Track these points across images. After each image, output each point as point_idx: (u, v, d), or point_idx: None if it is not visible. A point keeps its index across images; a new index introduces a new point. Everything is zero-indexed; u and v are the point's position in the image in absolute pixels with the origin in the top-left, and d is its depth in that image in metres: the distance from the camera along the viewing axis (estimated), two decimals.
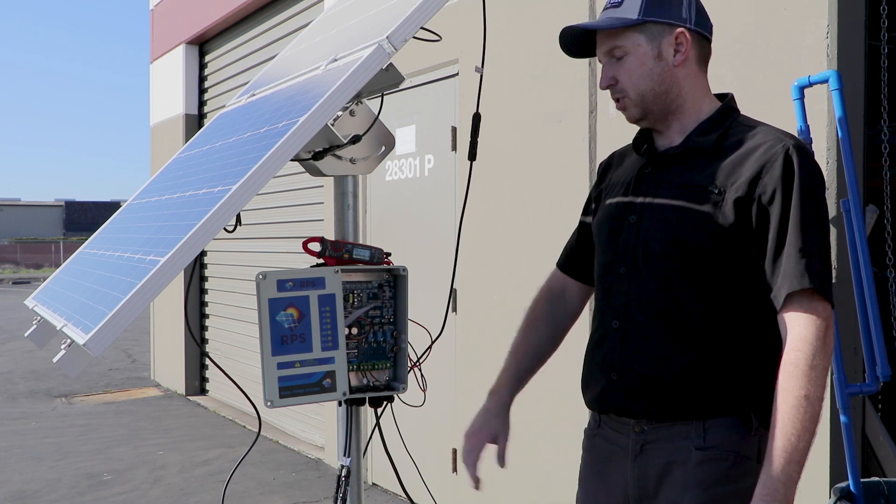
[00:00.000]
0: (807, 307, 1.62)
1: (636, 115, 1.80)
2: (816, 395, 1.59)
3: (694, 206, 1.70)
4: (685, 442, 1.70)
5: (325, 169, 1.85)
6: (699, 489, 1.66)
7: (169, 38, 9.08)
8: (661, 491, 1.72)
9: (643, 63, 1.76)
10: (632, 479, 1.78)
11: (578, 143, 3.61)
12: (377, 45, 1.50)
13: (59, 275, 2.22)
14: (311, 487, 5.29)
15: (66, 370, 1.39)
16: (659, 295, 1.73)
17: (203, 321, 8.46)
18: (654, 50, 1.76)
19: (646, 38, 1.76)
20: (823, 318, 1.62)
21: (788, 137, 1.71)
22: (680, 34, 1.75)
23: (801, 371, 1.59)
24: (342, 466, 1.80)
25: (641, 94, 1.77)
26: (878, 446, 2.67)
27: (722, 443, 1.69)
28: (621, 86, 1.78)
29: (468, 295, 4.28)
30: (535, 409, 3.87)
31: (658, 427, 1.73)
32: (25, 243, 46.36)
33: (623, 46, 1.76)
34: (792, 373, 1.59)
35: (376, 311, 1.84)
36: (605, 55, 1.80)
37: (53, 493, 5.23)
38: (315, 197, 6.11)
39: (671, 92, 1.77)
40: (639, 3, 1.75)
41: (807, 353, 1.59)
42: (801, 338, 1.60)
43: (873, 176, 2.87)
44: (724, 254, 1.68)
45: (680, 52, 1.76)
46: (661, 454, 1.73)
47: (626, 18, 1.75)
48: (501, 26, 3.98)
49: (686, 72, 1.78)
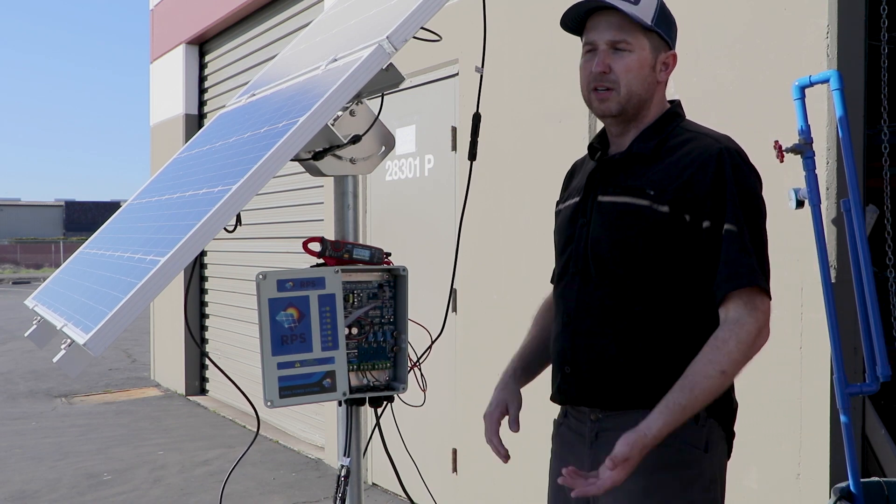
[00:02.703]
0: (746, 301, 1.69)
1: (615, 110, 1.85)
2: (732, 375, 1.69)
3: (632, 209, 1.80)
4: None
5: (325, 169, 1.85)
6: (644, 474, 1.71)
7: (169, 38, 9.07)
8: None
9: (642, 67, 1.83)
10: (587, 465, 1.84)
11: (578, 143, 3.61)
12: (377, 45, 1.50)
13: (59, 275, 2.22)
14: (311, 487, 5.29)
15: (66, 370, 1.39)
16: (603, 293, 1.82)
17: (203, 321, 8.46)
18: (653, 60, 1.85)
19: (651, 45, 1.84)
20: (762, 311, 1.70)
21: (724, 140, 1.80)
22: (672, 56, 1.88)
23: (729, 350, 1.66)
24: (342, 466, 1.80)
25: (630, 94, 1.83)
26: (878, 446, 2.67)
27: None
28: (615, 77, 1.82)
29: (468, 295, 4.28)
30: (536, 410, 3.87)
31: (611, 415, 1.82)
32: (25, 243, 46.36)
33: (631, 43, 1.82)
34: (720, 348, 1.66)
35: (376, 311, 1.85)
36: (607, 43, 1.83)
37: (53, 493, 5.23)
38: (315, 197, 6.11)
39: (648, 102, 1.86)
40: (653, 11, 1.83)
41: (740, 337, 1.66)
42: (738, 323, 1.68)
43: (873, 176, 2.87)
44: (662, 252, 1.77)
45: (665, 70, 1.88)
46: (613, 440, 1.76)
47: (644, 20, 1.81)
48: (501, 26, 3.98)
49: (660, 87, 1.89)
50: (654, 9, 1.84)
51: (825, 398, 2.58)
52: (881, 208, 2.71)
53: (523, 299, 3.95)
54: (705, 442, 1.78)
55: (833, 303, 2.40)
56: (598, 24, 1.85)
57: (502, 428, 2.04)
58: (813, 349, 2.61)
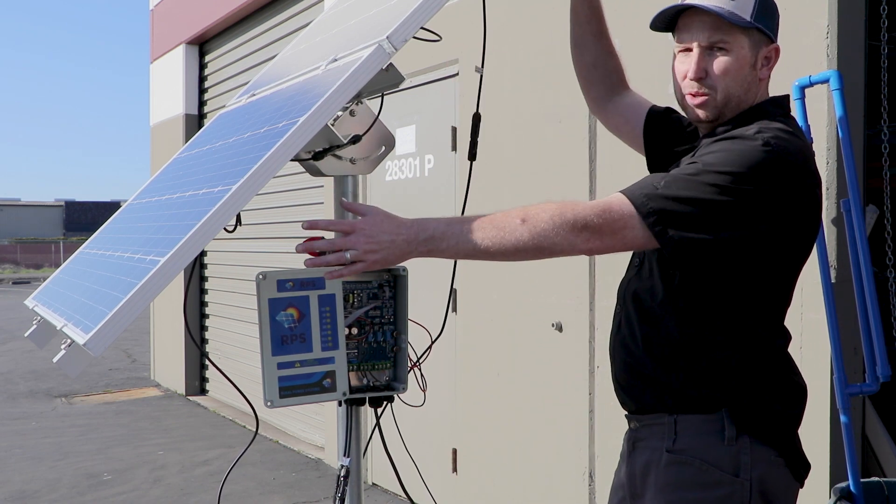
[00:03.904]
0: (620, 198, 1.59)
1: (712, 115, 1.73)
2: (524, 236, 1.54)
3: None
4: (660, 443, 1.72)
5: (325, 169, 1.85)
6: (666, 491, 1.67)
7: (169, 38, 9.07)
8: (645, 492, 1.75)
9: (741, 67, 1.70)
10: (626, 476, 1.82)
11: (578, 143, 3.61)
12: (377, 45, 1.50)
13: (59, 275, 2.22)
14: (311, 487, 5.29)
15: (66, 370, 1.39)
16: (645, 289, 1.77)
17: (203, 321, 8.46)
18: (752, 57, 1.71)
19: (750, 42, 1.71)
20: (621, 217, 1.56)
21: (763, 132, 1.63)
22: (774, 50, 1.74)
23: (549, 210, 1.55)
24: (342, 466, 1.80)
25: (728, 97, 1.71)
26: (878, 446, 2.67)
27: (688, 447, 1.68)
28: (712, 81, 1.70)
29: (468, 295, 4.28)
30: (536, 410, 3.87)
31: (644, 426, 1.77)
32: (25, 243, 46.35)
33: (729, 43, 1.69)
34: (546, 204, 1.57)
35: (376, 311, 1.84)
36: (704, 45, 1.70)
37: (53, 493, 5.23)
38: (315, 197, 6.11)
39: (748, 101, 1.73)
40: (752, 5, 1.69)
41: (568, 210, 1.55)
42: (589, 204, 1.57)
43: (873, 176, 2.87)
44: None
45: (767, 66, 1.74)
46: (644, 453, 1.76)
47: (742, 17, 1.68)
48: (501, 26, 3.98)
49: (763, 84, 1.76)
50: (755, 2, 1.69)
51: (825, 398, 2.58)
52: (881, 208, 2.71)
53: (523, 299, 3.95)
54: (736, 463, 1.65)
55: (833, 303, 2.40)
56: (691, 22, 1.72)
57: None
58: (813, 349, 2.61)
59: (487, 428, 4.18)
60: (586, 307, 3.57)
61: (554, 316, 3.73)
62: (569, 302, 3.66)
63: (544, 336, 3.78)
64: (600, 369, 3.52)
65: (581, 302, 3.59)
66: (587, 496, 3.57)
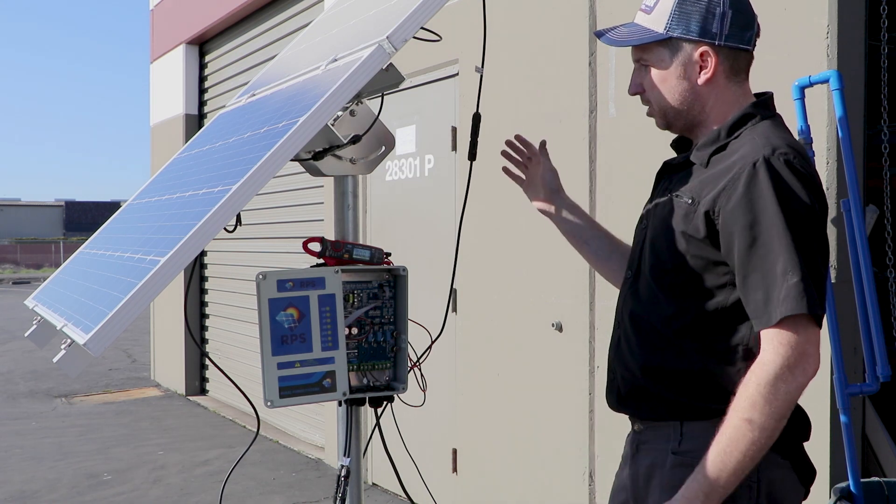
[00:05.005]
0: (773, 336, 1.54)
1: (661, 125, 1.80)
2: (761, 423, 1.51)
3: (672, 216, 1.70)
4: (666, 445, 1.71)
5: (325, 169, 1.85)
6: (671, 492, 1.64)
7: (169, 39, 9.07)
8: (649, 494, 1.74)
9: (665, 80, 1.72)
10: (628, 478, 1.81)
11: (578, 143, 3.60)
12: (377, 45, 1.50)
13: (59, 275, 2.21)
14: (311, 487, 5.29)
15: (66, 370, 1.39)
16: (645, 299, 1.76)
17: (203, 321, 8.46)
18: (677, 67, 1.70)
19: (670, 53, 1.70)
20: (790, 344, 1.52)
21: (769, 148, 1.59)
22: (704, 53, 1.68)
23: (749, 395, 1.52)
24: (342, 466, 1.80)
25: (663, 109, 1.75)
26: (878, 446, 2.67)
27: (695, 449, 1.65)
28: (647, 96, 1.77)
29: (468, 295, 4.28)
30: (536, 410, 3.87)
31: (648, 428, 1.76)
32: (25, 243, 46.35)
33: (648, 59, 1.73)
34: (742, 393, 1.54)
35: (376, 311, 1.84)
36: (634, 61, 1.78)
37: (53, 493, 5.23)
38: (315, 197, 6.11)
39: (693, 109, 1.73)
40: (667, 14, 1.68)
41: (760, 379, 1.52)
42: (761, 362, 1.54)
43: (873, 176, 2.87)
44: (697, 264, 1.65)
45: (705, 69, 1.69)
46: (649, 455, 1.75)
47: (651, 31, 1.70)
48: (501, 26, 3.98)
49: (711, 88, 1.71)
50: (670, 11, 1.68)
51: (825, 398, 2.58)
52: (881, 208, 2.71)
53: (523, 299, 3.94)
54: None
55: (833, 303, 2.40)
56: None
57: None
58: None
59: (487, 428, 4.18)
60: (586, 307, 3.57)
61: (554, 316, 3.73)
62: (568, 302, 3.66)
63: (544, 336, 3.78)
64: (600, 369, 3.52)
65: (581, 302, 3.59)
66: (587, 496, 3.57)
